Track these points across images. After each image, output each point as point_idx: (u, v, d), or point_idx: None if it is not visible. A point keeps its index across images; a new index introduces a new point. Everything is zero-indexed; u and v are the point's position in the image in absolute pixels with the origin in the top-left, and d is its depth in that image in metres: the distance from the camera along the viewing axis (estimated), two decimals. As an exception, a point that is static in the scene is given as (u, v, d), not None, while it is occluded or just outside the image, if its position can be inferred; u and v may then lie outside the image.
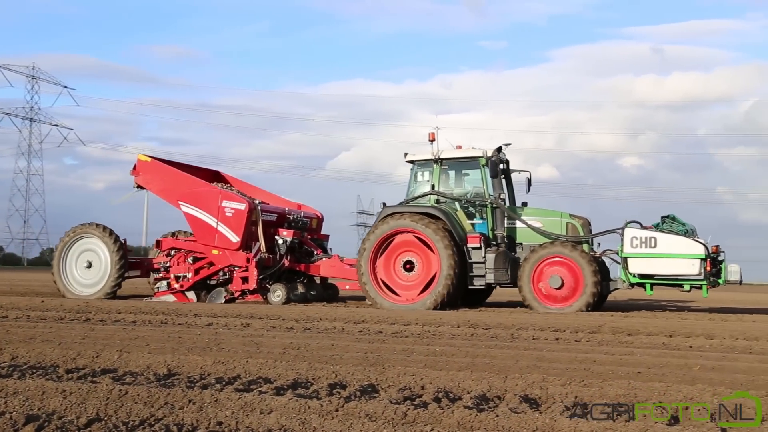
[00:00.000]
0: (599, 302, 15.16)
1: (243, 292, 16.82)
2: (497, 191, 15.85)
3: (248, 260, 16.58)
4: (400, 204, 16.27)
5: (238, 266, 16.77)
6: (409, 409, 5.06)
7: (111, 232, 17.20)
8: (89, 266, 17.31)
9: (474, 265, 15.35)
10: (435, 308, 14.82)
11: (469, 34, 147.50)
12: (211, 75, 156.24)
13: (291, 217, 18.10)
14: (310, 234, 18.60)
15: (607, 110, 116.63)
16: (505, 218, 15.82)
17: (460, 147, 16.51)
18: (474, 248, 15.35)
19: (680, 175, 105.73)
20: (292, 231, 17.44)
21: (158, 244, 17.99)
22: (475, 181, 16.42)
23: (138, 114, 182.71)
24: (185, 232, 19.31)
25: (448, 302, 15.18)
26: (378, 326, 10.57)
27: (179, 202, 17.32)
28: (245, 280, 16.66)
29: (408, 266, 15.64)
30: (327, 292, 18.40)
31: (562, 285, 14.69)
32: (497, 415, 4.93)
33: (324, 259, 17.73)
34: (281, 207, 18.50)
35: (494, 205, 15.77)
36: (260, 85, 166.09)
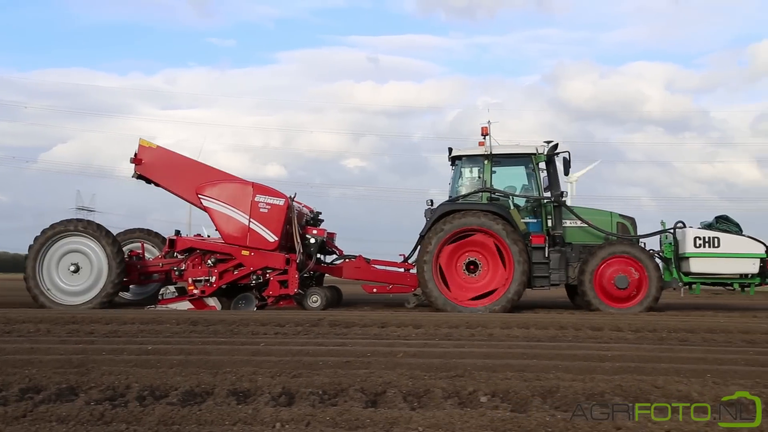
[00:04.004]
0: None
1: (277, 298, 14.91)
2: (558, 189, 14.87)
3: (288, 262, 14.74)
4: (450, 202, 15.05)
5: (274, 269, 14.78)
6: (107, 409, 4.83)
7: (106, 231, 14.60)
8: (76, 270, 14.43)
9: (535, 266, 14.43)
10: (507, 311, 13.91)
11: (198, 30, 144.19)
12: None
13: (311, 215, 16.37)
14: None
15: (330, 113, 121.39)
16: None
17: (482, 144, 15.19)
18: (536, 248, 14.47)
19: (398, 176, 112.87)
20: (323, 230, 15.83)
21: (171, 243, 15.23)
22: (525, 178, 15.50)
23: None
24: (145, 230, 16.56)
25: (517, 303, 14.38)
26: (90, 327, 9.93)
27: (200, 196, 14.96)
28: (283, 284, 14.75)
29: (471, 267, 14.56)
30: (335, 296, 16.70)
31: (628, 285, 14.19)
32: (201, 410, 4.88)
33: (347, 260, 16.20)
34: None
35: (555, 203, 14.84)
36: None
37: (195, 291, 14.73)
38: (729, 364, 7.08)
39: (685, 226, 14.80)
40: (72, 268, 14.45)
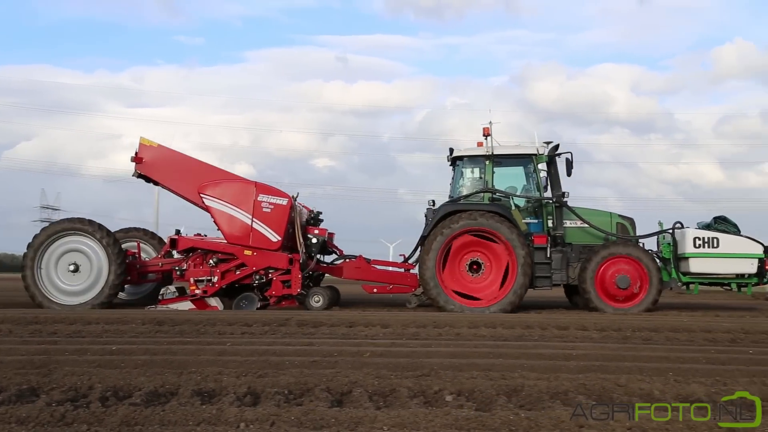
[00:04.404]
0: None
1: (280, 298, 14.80)
2: (559, 189, 14.93)
3: (291, 262, 14.64)
4: (452, 202, 15.04)
5: (276, 269, 14.67)
6: (68, 410, 4.78)
7: (106, 230, 14.31)
8: (75, 270, 14.18)
9: (537, 266, 14.43)
10: (511, 311, 13.94)
11: (166, 28, 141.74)
12: None
13: (312, 215, 16.11)
14: None
15: (299, 113, 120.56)
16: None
17: (481, 144, 15.25)
18: (538, 248, 14.52)
19: (368, 176, 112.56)
20: (325, 229, 15.68)
21: (173, 242, 14.92)
22: (526, 179, 15.54)
23: None
24: (141, 230, 16.38)
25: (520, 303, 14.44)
26: (53, 327, 9.80)
27: (202, 195, 14.74)
28: (286, 284, 14.65)
29: (474, 267, 14.54)
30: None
31: (629, 285, 14.27)
32: (164, 410, 4.84)
33: (348, 260, 16.01)
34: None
35: (557, 204, 14.89)
36: None
37: (197, 291, 14.57)
38: (690, 362, 7.20)
39: (683, 227, 14.95)
40: (71, 267, 14.23)
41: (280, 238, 14.61)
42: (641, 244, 15.10)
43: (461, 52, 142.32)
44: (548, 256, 14.57)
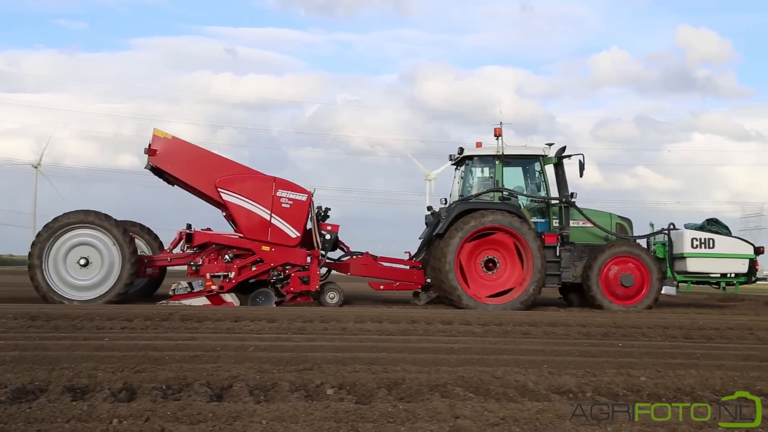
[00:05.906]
0: None
1: (296, 294, 14.61)
2: (566, 190, 15.38)
3: (310, 258, 14.55)
4: (464, 201, 15.29)
5: (295, 265, 14.48)
6: (-77, 409, 4.48)
7: (115, 221, 13.71)
8: (86, 264, 13.52)
9: (547, 264, 14.72)
10: (527, 308, 14.20)
11: (45, 10, 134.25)
12: None
13: (320, 210, 15.55)
14: None
15: (187, 104, 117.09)
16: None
17: (480, 144, 15.73)
18: (548, 247, 14.83)
19: (257, 170, 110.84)
20: (337, 226, 15.37)
21: (188, 237, 14.36)
22: (533, 179, 15.86)
23: None
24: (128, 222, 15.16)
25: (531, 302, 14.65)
26: None
27: (219, 190, 14.28)
28: (305, 280, 14.46)
29: (489, 265, 14.87)
30: None
31: (633, 283, 14.74)
32: (31, 407, 4.64)
33: (355, 257, 15.76)
34: None
35: (565, 204, 15.29)
36: None
37: (213, 287, 14.18)
38: (565, 355, 7.52)
39: (675, 228, 15.69)
40: (82, 262, 13.56)
41: (299, 234, 14.53)
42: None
43: (352, 49, 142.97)
44: (558, 254, 15.08)
